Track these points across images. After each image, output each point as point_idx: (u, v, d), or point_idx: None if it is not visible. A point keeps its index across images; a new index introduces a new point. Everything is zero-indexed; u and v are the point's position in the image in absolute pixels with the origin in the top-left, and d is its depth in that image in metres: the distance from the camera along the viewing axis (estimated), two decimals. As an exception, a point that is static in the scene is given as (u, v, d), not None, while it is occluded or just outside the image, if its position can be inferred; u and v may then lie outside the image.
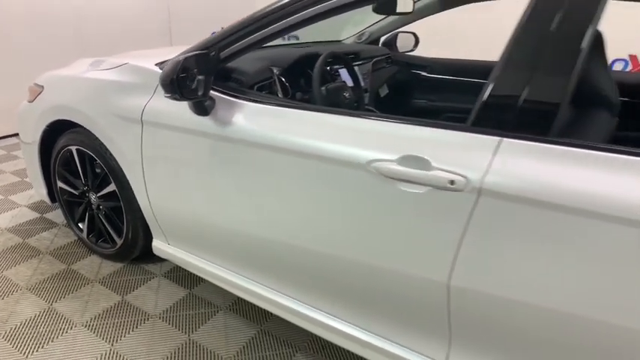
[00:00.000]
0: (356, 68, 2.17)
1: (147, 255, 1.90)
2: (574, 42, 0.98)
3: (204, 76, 1.34)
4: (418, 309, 1.20)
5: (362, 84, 2.18)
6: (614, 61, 3.78)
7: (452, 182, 1.03)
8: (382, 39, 2.80)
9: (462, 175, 1.02)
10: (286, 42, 2.49)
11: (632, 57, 3.80)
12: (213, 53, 1.40)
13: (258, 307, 1.64)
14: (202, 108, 1.41)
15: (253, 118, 1.36)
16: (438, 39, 3.10)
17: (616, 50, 1.86)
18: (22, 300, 1.80)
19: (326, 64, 1.84)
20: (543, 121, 0.98)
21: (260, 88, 1.65)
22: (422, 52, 2.80)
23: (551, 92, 0.99)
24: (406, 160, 1.09)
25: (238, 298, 1.76)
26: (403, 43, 2.84)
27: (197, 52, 1.35)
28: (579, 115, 1.20)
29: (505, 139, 1.01)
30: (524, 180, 0.96)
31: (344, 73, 2.11)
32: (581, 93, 1.21)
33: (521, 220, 0.97)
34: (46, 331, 1.64)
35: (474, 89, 1.22)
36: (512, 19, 1.08)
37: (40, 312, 1.73)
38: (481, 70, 2.28)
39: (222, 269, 1.64)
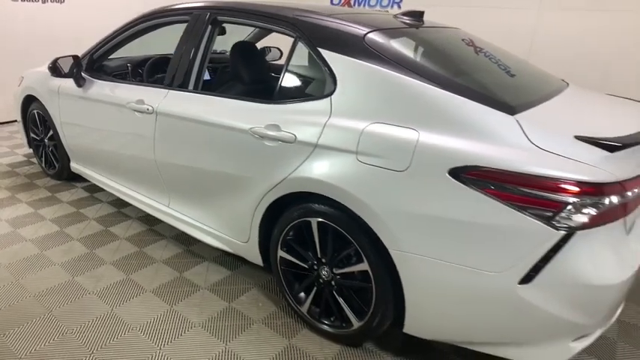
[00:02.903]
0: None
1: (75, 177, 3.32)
2: (193, 52, 2.27)
3: (76, 67, 2.75)
4: (149, 175, 2.51)
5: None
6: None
7: (148, 109, 2.34)
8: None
9: (150, 106, 2.33)
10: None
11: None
12: (82, 56, 2.81)
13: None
14: (78, 83, 2.81)
15: (100, 88, 2.74)
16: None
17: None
18: (-1, 192, 3.27)
19: (156, 64, 3.18)
20: (183, 83, 2.28)
21: (117, 75, 3.04)
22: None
23: (184, 71, 2.28)
24: (137, 102, 2.41)
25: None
26: (272, 55, 4.16)
27: (71, 55, 2.76)
28: (220, 84, 2.49)
29: (170, 90, 2.32)
30: (172, 107, 2.25)
31: None
32: (226, 74, 2.52)
33: (169, 125, 2.27)
34: (4, 203, 3.06)
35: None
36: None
37: (3, 197, 3.18)
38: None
39: (100, 175, 3.01)
